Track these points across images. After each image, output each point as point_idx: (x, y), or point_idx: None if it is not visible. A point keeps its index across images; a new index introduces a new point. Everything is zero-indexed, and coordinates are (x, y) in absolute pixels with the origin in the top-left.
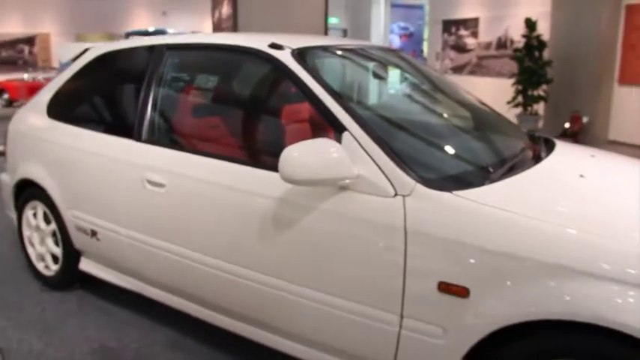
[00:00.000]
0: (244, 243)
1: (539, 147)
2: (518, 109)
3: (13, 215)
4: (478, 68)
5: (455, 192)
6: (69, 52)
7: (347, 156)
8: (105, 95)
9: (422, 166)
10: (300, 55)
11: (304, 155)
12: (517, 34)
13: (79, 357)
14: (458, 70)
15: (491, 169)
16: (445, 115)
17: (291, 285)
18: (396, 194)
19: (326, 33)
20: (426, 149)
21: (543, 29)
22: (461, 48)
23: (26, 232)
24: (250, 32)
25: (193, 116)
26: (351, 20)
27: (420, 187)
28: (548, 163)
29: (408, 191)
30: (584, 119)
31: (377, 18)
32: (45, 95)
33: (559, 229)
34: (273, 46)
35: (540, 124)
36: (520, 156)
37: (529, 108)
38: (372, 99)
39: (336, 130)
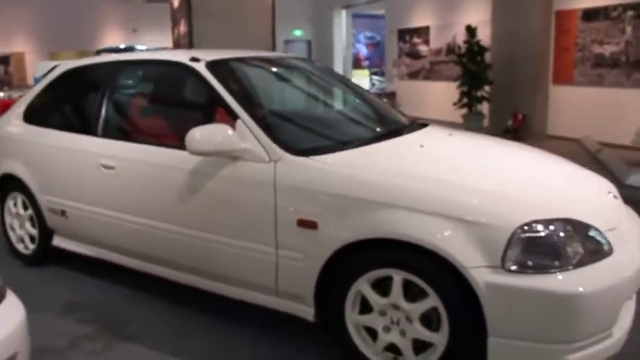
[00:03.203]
0: (169, 204)
1: (407, 128)
2: (465, 110)
3: None
4: (431, 73)
5: (310, 157)
6: (43, 69)
7: (237, 135)
8: (70, 102)
9: (290, 141)
10: (212, 65)
11: (204, 134)
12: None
13: (53, 306)
14: (413, 75)
15: (342, 143)
16: (321, 106)
17: (204, 233)
18: (270, 160)
19: (273, 47)
20: (296, 130)
21: (484, 35)
22: (415, 55)
23: (8, 220)
24: (203, 48)
25: (135, 115)
26: (315, 32)
27: (287, 155)
28: (400, 138)
29: (278, 158)
30: (524, 116)
31: (339, 29)
32: (22, 104)
33: (381, 178)
34: (193, 59)
35: (485, 122)
36: (377, 134)
37: (473, 108)
38: (268, 96)
39: (233, 118)
